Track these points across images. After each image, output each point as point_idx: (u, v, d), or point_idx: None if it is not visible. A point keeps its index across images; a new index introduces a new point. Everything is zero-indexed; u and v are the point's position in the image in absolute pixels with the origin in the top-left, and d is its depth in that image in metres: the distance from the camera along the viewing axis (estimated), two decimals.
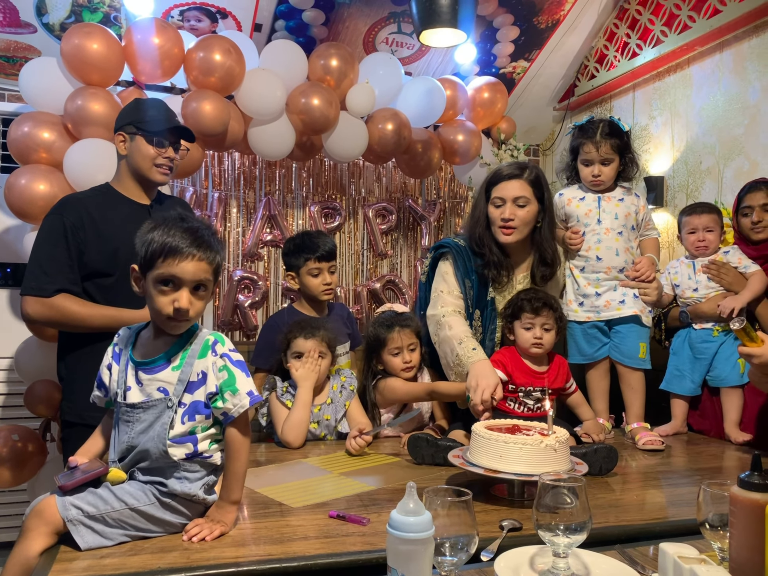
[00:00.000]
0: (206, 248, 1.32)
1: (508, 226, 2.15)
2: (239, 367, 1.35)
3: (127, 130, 2.03)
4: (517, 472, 1.49)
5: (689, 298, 2.41)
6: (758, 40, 2.83)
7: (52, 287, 1.91)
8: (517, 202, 2.14)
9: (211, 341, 1.35)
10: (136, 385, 1.35)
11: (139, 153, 2.03)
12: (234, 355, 1.36)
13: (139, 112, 2.05)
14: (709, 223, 2.40)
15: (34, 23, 3.04)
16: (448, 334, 2.12)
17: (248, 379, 1.35)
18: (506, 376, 2.06)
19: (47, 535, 1.24)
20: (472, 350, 2.05)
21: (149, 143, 2.02)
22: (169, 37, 2.79)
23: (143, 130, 2.02)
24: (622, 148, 2.35)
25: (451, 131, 3.48)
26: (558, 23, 3.59)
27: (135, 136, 2.02)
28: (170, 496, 1.31)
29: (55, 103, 2.71)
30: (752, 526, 0.98)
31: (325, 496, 1.58)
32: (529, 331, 2.10)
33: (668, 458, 2.06)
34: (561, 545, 1.07)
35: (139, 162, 2.03)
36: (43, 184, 2.62)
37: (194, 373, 1.33)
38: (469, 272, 2.23)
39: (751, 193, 2.38)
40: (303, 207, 3.71)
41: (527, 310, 2.09)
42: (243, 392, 1.32)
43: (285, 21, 3.32)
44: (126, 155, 2.06)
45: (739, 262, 2.35)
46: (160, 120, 2.05)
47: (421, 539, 0.97)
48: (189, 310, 1.30)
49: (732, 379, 2.30)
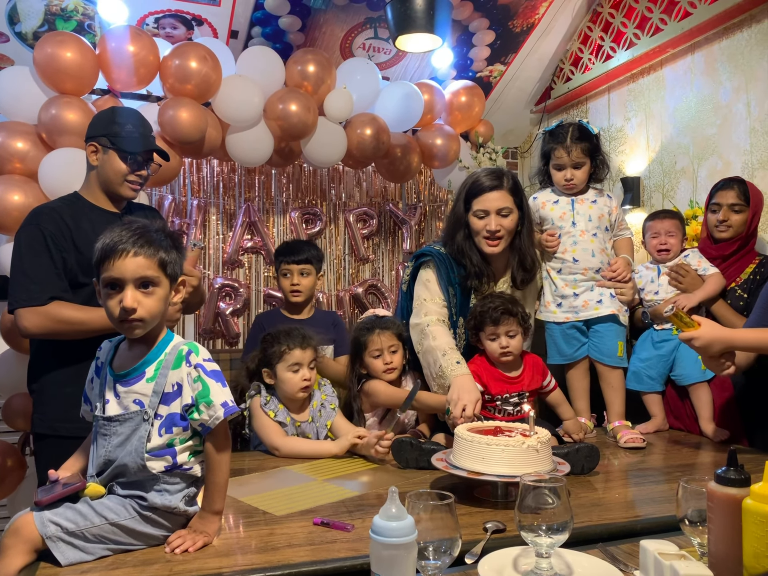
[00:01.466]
0: (143, 243, 1.29)
1: (495, 237, 2.16)
2: (214, 378, 1.32)
3: (101, 142, 1.98)
4: (499, 474, 1.50)
5: (650, 300, 2.46)
6: (728, 41, 2.88)
7: (45, 295, 1.85)
8: (501, 212, 2.15)
9: (185, 351, 1.33)
10: (114, 398, 1.34)
11: (111, 168, 1.98)
12: (209, 365, 1.33)
13: (115, 125, 1.99)
14: (671, 227, 2.45)
15: (6, 32, 3.01)
16: (432, 344, 2.11)
17: (223, 390, 1.32)
18: (481, 386, 2.07)
19: (26, 552, 1.22)
20: (456, 363, 2.05)
21: (122, 160, 1.97)
22: (144, 44, 2.78)
23: (118, 147, 1.96)
24: (593, 151, 2.39)
25: (430, 135, 3.50)
26: (533, 27, 3.63)
27: (108, 149, 1.97)
28: (150, 510, 1.30)
29: (29, 112, 2.68)
30: (729, 520, 1.00)
31: (309, 503, 1.57)
32: (494, 341, 2.11)
33: (649, 456, 2.08)
34: (543, 545, 1.08)
35: (111, 176, 1.99)
36: (18, 195, 2.59)
37: (169, 384, 1.31)
38: (452, 280, 2.24)
39: (723, 190, 2.42)
40: (283, 213, 3.70)
41: (488, 322, 2.10)
42: (217, 403, 1.30)
43: (261, 27, 3.31)
44: (96, 166, 2.01)
45: (698, 264, 2.40)
46: (137, 138, 2.00)
47: (403, 544, 0.97)
48: (136, 308, 1.28)
49: (695, 375, 2.34)
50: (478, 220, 2.16)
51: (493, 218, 2.14)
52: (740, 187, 2.39)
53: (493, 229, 2.14)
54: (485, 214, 2.15)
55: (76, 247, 1.92)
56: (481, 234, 2.17)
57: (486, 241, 2.17)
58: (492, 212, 2.14)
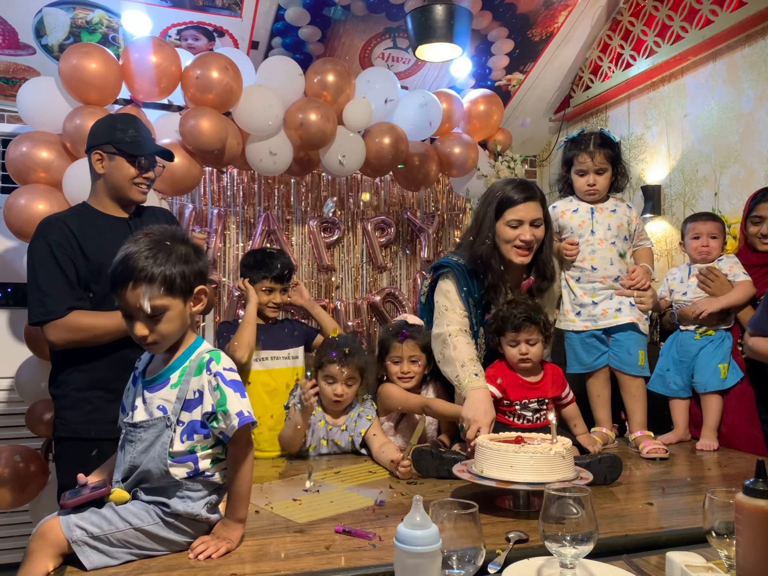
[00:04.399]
0: (141, 270, 1.27)
1: (529, 248, 2.17)
2: (232, 387, 1.32)
3: (106, 149, 1.99)
4: (529, 482, 1.49)
5: (678, 301, 2.44)
6: (750, 49, 2.86)
7: (62, 307, 1.87)
8: (534, 223, 2.16)
9: (206, 359, 1.34)
10: (141, 404, 1.36)
11: (119, 173, 1.99)
12: (228, 374, 1.33)
13: (117, 131, 2.00)
14: (714, 230, 2.42)
15: (33, 45, 3.07)
16: (452, 354, 2.12)
17: (241, 400, 1.32)
18: (500, 391, 2.07)
19: (52, 556, 1.24)
20: (474, 375, 2.05)
21: (130, 164, 1.99)
22: (167, 55, 2.82)
23: (123, 151, 1.98)
24: (615, 159, 2.39)
25: (448, 144, 3.50)
26: (552, 36, 3.63)
27: (114, 156, 1.98)
28: (173, 516, 1.31)
29: (54, 122, 2.72)
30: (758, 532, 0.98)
31: (331, 511, 1.57)
32: (514, 347, 2.10)
33: (672, 466, 2.06)
34: (568, 556, 1.07)
35: (119, 181, 2.00)
36: (43, 204, 2.63)
37: (191, 390, 1.33)
38: (472, 291, 2.24)
39: (765, 202, 2.38)
40: (302, 222, 3.72)
41: (509, 328, 2.09)
42: (233, 413, 1.29)
43: (282, 38, 3.35)
44: (103, 174, 2.02)
45: (729, 270, 2.37)
46: (141, 141, 2.02)
47: (428, 552, 0.97)
48: (147, 336, 1.30)
49: (712, 384, 2.33)
50: (511, 229, 2.16)
51: (528, 229, 2.15)
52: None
53: (528, 240, 2.15)
54: (519, 224, 2.16)
55: (84, 254, 1.94)
56: (512, 243, 2.17)
57: (517, 250, 2.17)
58: (526, 222, 2.15)
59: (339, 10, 3.25)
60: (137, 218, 2.11)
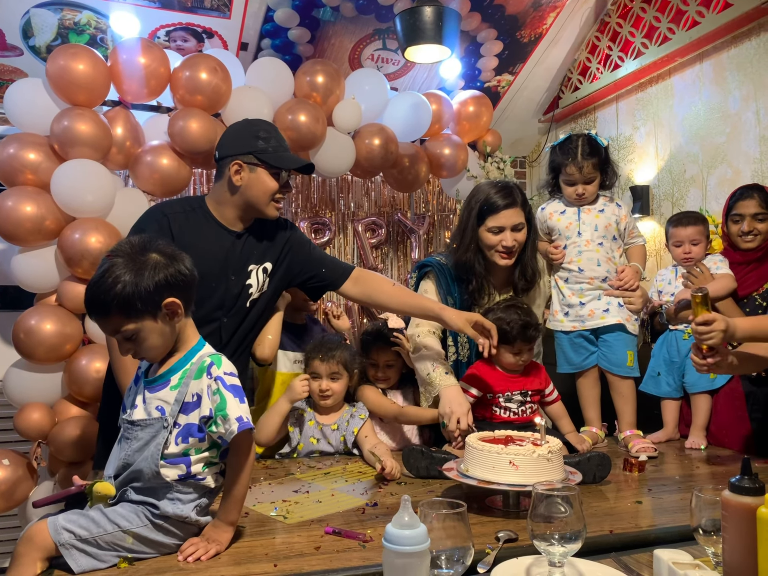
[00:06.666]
0: (97, 305, 1.27)
1: (511, 252, 2.20)
2: (232, 392, 1.31)
3: (246, 159, 1.85)
4: (511, 483, 1.49)
5: (667, 301, 2.46)
6: (737, 50, 2.88)
7: None
8: (515, 228, 2.19)
9: (207, 362, 1.34)
10: (141, 403, 1.36)
11: (262, 187, 1.86)
12: (229, 378, 1.33)
13: (259, 140, 1.86)
14: (695, 235, 2.42)
15: (21, 46, 3.06)
16: (423, 353, 2.20)
17: (240, 405, 1.31)
18: (479, 392, 2.12)
19: (39, 560, 1.23)
20: (444, 374, 2.13)
21: (275, 177, 1.87)
22: (155, 56, 2.81)
23: (268, 163, 1.85)
24: (603, 164, 2.38)
25: (438, 145, 3.51)
26: (541, 37, 3.64)
27: (256, 168, 1.85)
28: (163, 518, 1.30)
29: (41, 123, 2.71)
30: (744, 529, 0.99)
31: (320, 512, 1.57)
32: (516, 355, 2.14)
33: (661, 465, 2.06)
34: (556, 554, 1.08)
35: (259, 196, 1.87)
36: (30, 206, 2.61)
37: (189, 393, 1.32)
38: (452, 290, 2.28)
39: (743, 200, 2.37)
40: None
41: (520, 339, 2.10)
42: (232, 418, 1.28)
43: (271, 39, 3.34)
44: (240, 186, 1.86)
45: (714, 264, 2.38)
46: (286, 152, 1.90)
47: (416, 552, 0.97)
48: (133, 353, 1.32)
49: (702, 384, 2.34)
50: (492, 235, 2.20)
51: (509, 234, 2.18)
52: (760, 195, 2.34)
53: (509, 246, 2.18)
54: (500, 231, 2.19)
55: None
56: (495, 249, 2.21)
57: (500, 254, 2.21)
58: (507, 228, 2.18)
59: (328, 11, 3.25)
60: (247, 234, 1.97)
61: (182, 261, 1.34)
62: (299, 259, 2.09)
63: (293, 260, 2.08)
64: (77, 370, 2.67)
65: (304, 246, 2.12)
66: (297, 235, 2.13)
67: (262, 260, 2.00)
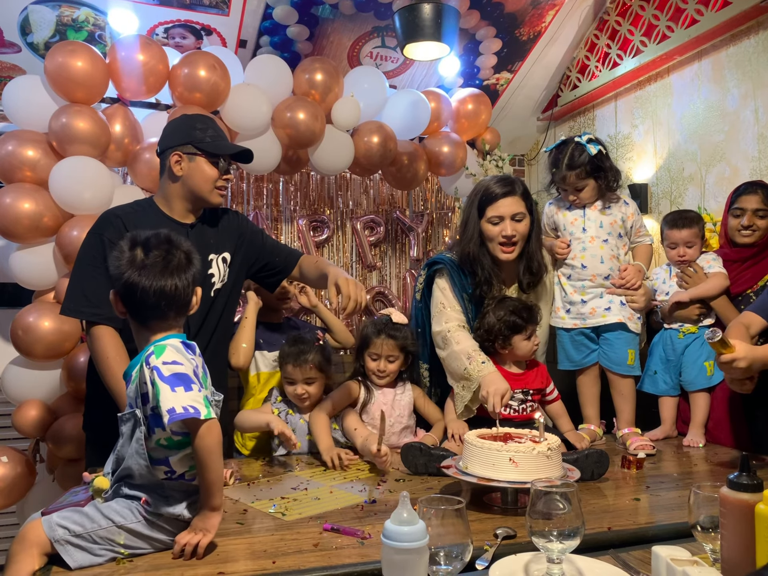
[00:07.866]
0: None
1: (511, 243, 2.19)
2: (167, 382, 1.24)
3: (186, 150, 1.90)
4: (509, 480, 1.50)
5: (662, 301, 2.46)
6: (735, 48, 2.88)
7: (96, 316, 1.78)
8: (515, 218, 2.18)
9: (147, 352, 1.29)
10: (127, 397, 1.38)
11: (201, 175, 1.91)
12: (169, 367, 1.25)
13: (196, 131, 1.92)
14: (690, 238, 2.41)
15: (19, 43, 3.05)
16: (456, 349, 2.16)
17: (173, 394, 1.22)
18: None
19: (35, 556, 1.23)
20: (482, 364, 2.10)
21: (214, 165, 1.92)
22: (154, 53, 2.80)
23: (206, 151, 1.91)
24: (594, 170, 2.35)
25: (437, 143, 3.51)
26: (539, 35, 3.64)
27: (195, 156, 1.91)
28: (156, 515, 1.30)
29: (40, 120, 2.70)
30: (742, 526, 0.99)
31: (319, 509, 1.57)
32: (529, 340, 2.18)
33: (659, 462, 2.07)
34: (555, 551, 1.08)
35: (200, 184, 1.92)
36: (28, 203, 2.61)
37: (141, 384, 1.30)
38: (466, 288, 2.27)
39: (746, 195, 2.36)
40: (291, 221, 3.71)
41: (530, 321, 2.17)
42: (164, 409, 1.22)
43: (270, 37, 3.34)
44: (181, 176, 1.92)
45: (706, 263, 2.39)
46: (223, 141, 1.95)
47: (415, 548, 0.97)
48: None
49: (700, 382, 2.35)
50: (492, 226, 2.19)
51: (509, 224, 2.17)
52: (764, 192, 2.34)
53: (509, 234, 2.17)
54: (500, 220, 2.18)
55: None
56: (496, 240, 2.20)
57: (501, 247, 2.20)
58: (507, 218, 2.18)
59: (327, 8, 3.24)
60: (200, 224, 2.01)
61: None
62: (254, 247, 2.16)
63: (249, 249, 2.14)
64: (75, 368, 2.67)
65: (257, 234, 2.19)
66: (249, 224, 2.20)
67: (220, 250, 2.04)
